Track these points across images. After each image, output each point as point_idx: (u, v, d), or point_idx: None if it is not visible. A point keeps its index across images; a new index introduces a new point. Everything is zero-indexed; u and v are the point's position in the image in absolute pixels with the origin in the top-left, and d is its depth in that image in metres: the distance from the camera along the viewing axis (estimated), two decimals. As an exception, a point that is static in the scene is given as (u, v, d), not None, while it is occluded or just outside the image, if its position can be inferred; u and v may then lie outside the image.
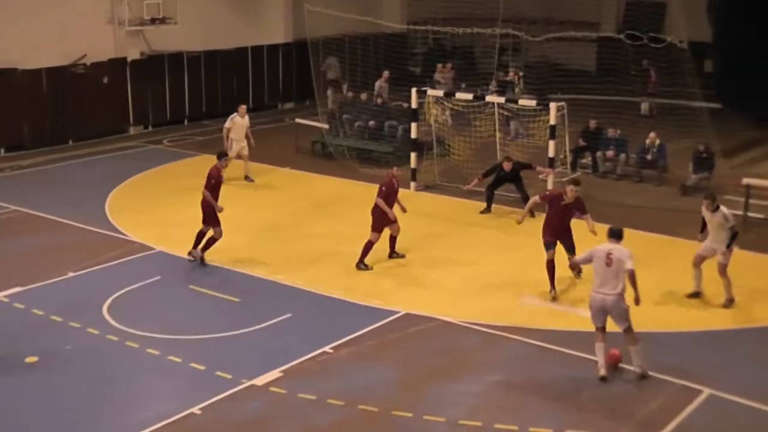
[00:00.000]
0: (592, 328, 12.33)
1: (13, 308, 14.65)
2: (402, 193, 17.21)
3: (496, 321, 14.04)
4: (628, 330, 12.09)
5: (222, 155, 17.48)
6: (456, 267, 16.46)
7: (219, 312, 14.54)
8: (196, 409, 11.33)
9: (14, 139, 26.06)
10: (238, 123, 22.53)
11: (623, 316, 12.00)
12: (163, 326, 13.83)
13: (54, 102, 26.71)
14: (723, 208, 14.64)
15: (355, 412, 11.33)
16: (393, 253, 16.83)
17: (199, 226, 16.69)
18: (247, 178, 22.36)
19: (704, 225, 14.93)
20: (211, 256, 16.66)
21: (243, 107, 22.83)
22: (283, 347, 13.15)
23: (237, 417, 11.25)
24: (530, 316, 14.27)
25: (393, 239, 16.81)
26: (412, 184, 21.59)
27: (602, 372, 12.07)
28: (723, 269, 14.64)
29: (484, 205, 19.85)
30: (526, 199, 19.08)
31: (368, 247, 16.31)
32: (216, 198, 16.49)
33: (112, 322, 13.98)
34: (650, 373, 12.20)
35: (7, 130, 25.84)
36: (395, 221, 16.55)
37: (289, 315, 14.30)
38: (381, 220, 16.40)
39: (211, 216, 16.52)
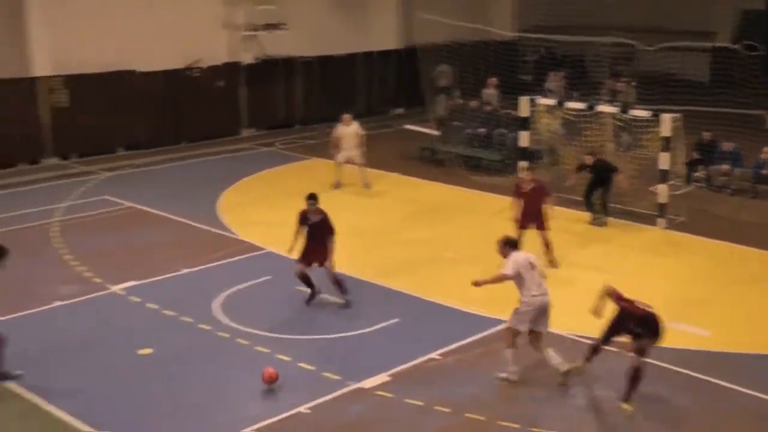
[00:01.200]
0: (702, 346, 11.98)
1: (129, 301, 15.05)
2: (509, 201, 17.19)
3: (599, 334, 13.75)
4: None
5: (311, 198, 15.15)
6: (567, 280, 16.21)
7: (327, 314, 14.65)
8: (303, 408, 11.43)
9: (131, 138, 26.89)
10: (343, 132, 22.65)
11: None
12: (272, 325, 14.01)
13: (170, 104, 27.42)
14: None
15: (461, 419, 11.26)
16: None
17: None
18: (366, 185, 22.52)
19: None
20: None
21: (347, 116, 22.89)
22: (390, 351, 13.18)
23: (344, 418, 11.31)
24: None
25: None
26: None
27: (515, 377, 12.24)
28: None
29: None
30: (603, 206, 19.32)
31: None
32: (306, 235, 15.03)
33: (223, 319, 14.23)
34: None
35: (124, 130, 26.66)
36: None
37: (397, 320, 14.32)
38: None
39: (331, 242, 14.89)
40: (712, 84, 28.32)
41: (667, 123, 19.11)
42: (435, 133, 25.81)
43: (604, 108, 21.99)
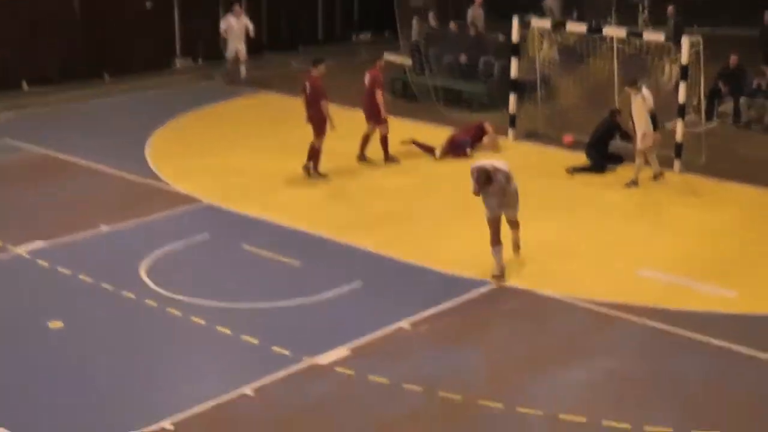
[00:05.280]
0: (726, 308, 12.18)
1: (36, 266, 14.96)
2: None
3: (606, 297, 13.93)
4: None
5: (318, 61, 19.17)
6: (559, 232, 16.34)
7: (277, 277, 14.68)
8: (248, 390, 11.46)
9: (39, 71, 26.29)
10: (232, 24, 26.49)
11: None
12: (211, 292, 14.00)
13: (87, 29, 27.03)
14: None
15: (434, 400, 11.34)
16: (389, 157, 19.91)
17: (261, 175, 17.79)
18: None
19: None
20: (270, 212, 16.92)
21: (238, 8, 27.03)
22: (351, 321, 13.23)
23: (295, 401, 11.35)
24: (650, 293, 14.13)
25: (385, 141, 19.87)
26: (510, 131, 21.49)
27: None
28: None
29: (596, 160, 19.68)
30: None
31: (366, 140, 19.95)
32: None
33: (152, 286, 14.20)
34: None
35: (28, 60, 25.96)
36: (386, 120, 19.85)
37: (358, 283, 14.35)
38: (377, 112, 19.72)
39: (321, 128, 18.67)
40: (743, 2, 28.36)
41: (685, 48, 19.11)
42: (407, 62, 25.68)
43: (611, 30, 21.88)
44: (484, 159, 15.54)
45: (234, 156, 20.12)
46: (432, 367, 12.11)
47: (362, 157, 19.98)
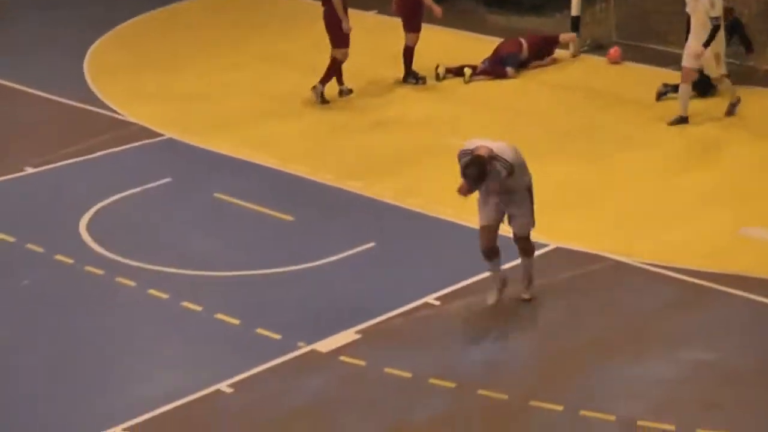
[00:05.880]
0: None
1: (-58, 220, 15.09)
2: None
3: (698, 264, 13.94)
4: None
5: None
6: (635, 177, 16.38)
7: (262, 237, 14.74)
8: (223, 386, 11.49)
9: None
10: None
11: None
12: (174, 256, 14.07)
13: None
14: None
15: (471, 400, 11.36)
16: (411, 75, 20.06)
17: (239, 100, 17.98)
18: None
19: None
20: (251, 150, 16.99)
21: None
22: (361, 295, 13.28)
23: (288, 401, 11.35)
24: (757, 258, 14.14)
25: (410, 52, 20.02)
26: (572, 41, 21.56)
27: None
28: None
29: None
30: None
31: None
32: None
33: (95, 247, 14.27)
34: None
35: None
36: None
37: (371, 244, 14.41)
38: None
39: (336, 35, 18.97)
40: None
41: None
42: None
43: None
44: (478, 140, 12.93)
45: (201, 74, 20.09)
46: (467, 356, 12.17)
47: (414, 76, 20.08)
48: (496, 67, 20.21)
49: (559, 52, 20.97)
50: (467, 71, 20.07)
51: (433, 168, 16.58)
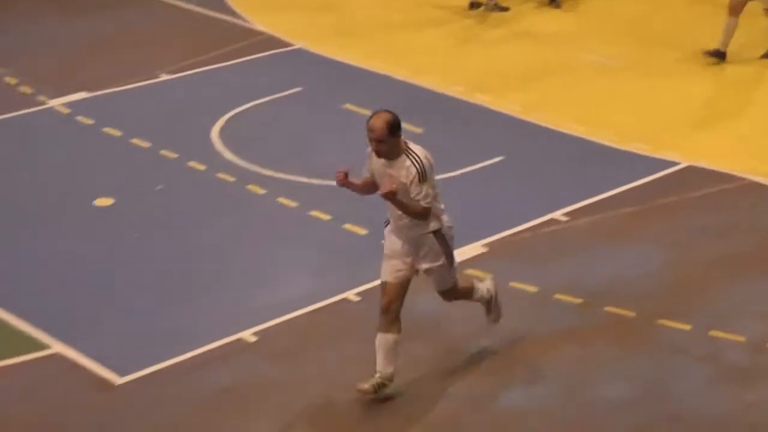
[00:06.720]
0: None
1: (77, 123, 15.26)
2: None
3: None
4: None
5: None
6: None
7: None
8: (351, 294, 11.63)
9: None
10: None
11: None
12: (304, 165, 14.10)
13: None
14: None
15: (597, 316, 11.33)
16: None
17: (369, 10, 18.14)
18: None
19: None
20: (381, 61, 16.98)
21: None
22: (489, 208, 13.26)
23: (415, 311, 11.34)
24: None
25: None
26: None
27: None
28: None
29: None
30: None
31: None
32: None
33: (227, 154, 14.39)
34: None
35: None
36: None
37: (500, 158, 14.37)
38: None
39: None
40: None
41: None
42: None
43: None
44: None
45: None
46: (594, 273, 12.06)
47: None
48: None
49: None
50: None
51: (561, 84, 16.51)
